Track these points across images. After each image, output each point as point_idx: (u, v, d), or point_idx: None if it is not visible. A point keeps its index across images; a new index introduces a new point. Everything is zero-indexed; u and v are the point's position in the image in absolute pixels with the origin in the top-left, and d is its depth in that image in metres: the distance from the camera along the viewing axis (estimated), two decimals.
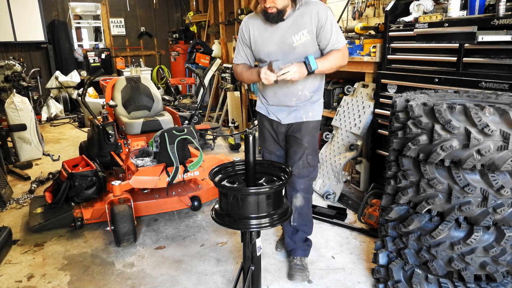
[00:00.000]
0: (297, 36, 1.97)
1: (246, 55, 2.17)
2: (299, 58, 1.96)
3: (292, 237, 2.32)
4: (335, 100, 3.89)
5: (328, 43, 1.99)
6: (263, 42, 2.05)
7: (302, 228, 2.30)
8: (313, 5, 1.96)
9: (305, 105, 2.14)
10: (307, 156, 2.17)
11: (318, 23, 1.95)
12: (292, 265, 2.30)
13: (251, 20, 2.09)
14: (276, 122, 2.20)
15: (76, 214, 2.86)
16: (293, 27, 1.97)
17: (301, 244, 2.33)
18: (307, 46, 1.99)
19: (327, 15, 1.96)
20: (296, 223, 2.27)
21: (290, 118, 2.16)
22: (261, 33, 2.05)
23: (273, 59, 2.01)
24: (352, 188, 3.49)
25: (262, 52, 2.08)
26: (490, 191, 1.62)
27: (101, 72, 3.85)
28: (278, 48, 2.02)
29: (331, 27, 1.97)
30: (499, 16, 2.19)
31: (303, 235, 2.33)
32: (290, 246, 2.35)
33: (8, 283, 2.34)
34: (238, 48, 2.19)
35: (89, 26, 9.04)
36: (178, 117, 3.68)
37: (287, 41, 1.99)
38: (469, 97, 1.98)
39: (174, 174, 2.86)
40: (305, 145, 2.16)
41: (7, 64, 5.84)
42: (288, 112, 2.16)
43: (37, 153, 4.77)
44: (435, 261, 1.81)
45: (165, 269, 2.44)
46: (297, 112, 2.15)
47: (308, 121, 2.15)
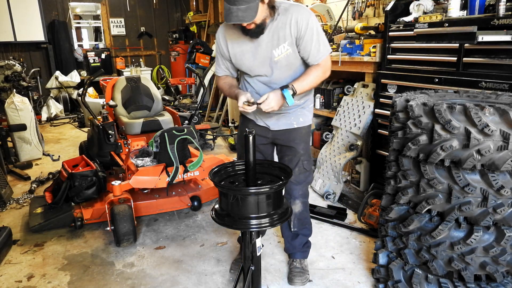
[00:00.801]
0: (278, 50, 1.85)
1: (227, 67, 2.05)
2: (283, 72, 1.91)
3: (292, 242, 2.29)
4: (335, 100, 3.90)
5: (308, 55, 1.88)
6: (243, 56, 1.91)
7: (302, 232, 2.28)
8: (292, 12, 1.80)
9: (295, 111, 2.06)
10: (303, 162, 2.12)
11: (297, 33, 1.82)
12: (291, 268, 2.29)
13: (228, 31, 1.92)
14: (264, 128, 2.09)
15: (76, 214, 2.86)
16: (273, 40, 1.84)
17: (300, 247, 2.31)
18: (289, 59, 1.88)
19: (307, 24, 1.81)
20: (297, 228, 2.24)
21: (280, 125, 2.06)
22: (241, 46, 1.89)
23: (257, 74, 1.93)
24: (352, 188, 3.49)
25: (243, 66, 1.95)
26: (490, 191, 1.62)
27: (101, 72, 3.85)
28: (260, 63, 1.90)
29: (311, 37, 1.83)
30: (499, 16, 2.19)
31: (303, 239, 2.30)
32: (289, 250, 2.33)
33: (8, 283, 2.34)
34: (218, 59, 2.04)
35: (89, 26, 9.04)
36: (178, 117, 3.68)
37: (268, 55, 1.87)
38: (469, 97, 1.98)
39: (174, 174, 2.86)
40: (301, 152, 2.12)
41: (7, 64, 5.84)
42: (277, 118, 2.06)
43: (37, 153, 4.77)
44: (435, 261, 1.81)
45: (165, 269, 2.44)
46: (287, 118, 2.06)
47: (299, 127, 2.08)
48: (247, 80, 2.04)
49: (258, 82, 1.99)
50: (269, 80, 1.96)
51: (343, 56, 3.47)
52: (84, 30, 9.07)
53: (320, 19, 4.18)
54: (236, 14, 1.62)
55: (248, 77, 2.02)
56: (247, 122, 2.15)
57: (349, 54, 3.44)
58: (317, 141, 4.23)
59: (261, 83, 1.98)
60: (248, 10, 1.62)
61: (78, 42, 8.55)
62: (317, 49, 1.87)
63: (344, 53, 3.49)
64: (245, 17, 1.64)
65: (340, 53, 3.51)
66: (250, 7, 1.62)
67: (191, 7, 9.09)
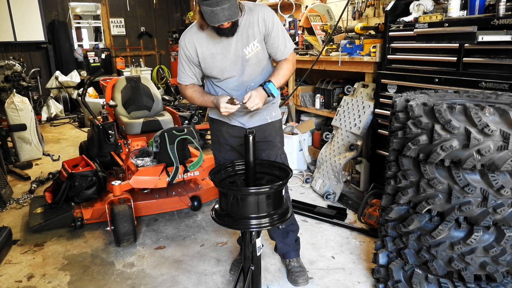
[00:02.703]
0: (249, 48, 1.89)
1: (194, 74, 2.01)
2: (253, 70, 1.95)
3: (284, 241, 2.30)
4: (335, 100, 3.90)
5: (276, 51, 1.95)
6: (214, 59, 1.91)
7: (291, 228, 2.29)
8: (258, 11, 1.86)
9: (267, 106, 2.09)
10: (281, 156, 2.15)
11: (266, 30, 1.87)
12: (291, 268, 2.29)
13: (194, 36, 1.90)
14: (239, 128, 2.09)
15: (76, 214, 2.86)
16: (243, 39, 1.87)
17: (293, 245, 2.32)
18: (259, 56, 1.93)
19: (273, 21, 1.88)
20: (285, 225, 2.24)
21: (254, 121, 2.08)
22: (210, 49, 1.89)
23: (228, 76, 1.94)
24: (352, 188, 3.49)
25: (214, 69, 1.94)
26: (490, 191, 1.62)
27: (101, 72, 3.86)
28: (231, 63, 1.92)
29: (278, 33, 1.90)
30: (499, 16, 2.19)
31: (294, 235, 2.31)
32: (283, 250, 2.33)
33: (8, 283, 2.34)
34: (183, 67, 1.99)
35: (89, 26, 9.04)
36: (178, 117, 3.68)
37: (240, 54, 1.89)
38: (469, 97, 1.98)
39: (174, 174, 2.86)
40: (278, 145, 2.15)
41: (7, 64, 5.85)
42: (251, 116, 2.07)
43: (37, 153, 4.77)
44: (435, 261, 1.81)
45: (165, 269, 2.44)
46: (260, 115, 2.08)
47: (273, 121, 2.12)
48: (216, 85, 2.03)
49: (229, 84, 1.98)
50: (240, 80, 1.97)
51: (343, 56, 3.47)
52: (84, 30, 9.07)
53: (320, 19, 4.18)
54: (223, 14, 1.63)
55: (218, 81, 2.00)
56: (220, 125, 2.14)
57: (349, 54, 3.44)
58: (317, 141, 4.23)
59: (232, 84, 1.98)
60: (231, 8, 1.64)
61: (78, 42, 8.56)
62: (284, 45, 1.95)
63: (344, 53, 3.49)
64: (232, 15, 1.66)
65: (340, 53, 3.51)
66: (232, 5, 1.64)
67: (191, 7, 9.09)
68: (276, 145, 2.14)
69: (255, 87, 1.97)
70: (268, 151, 2.12)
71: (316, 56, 3.75)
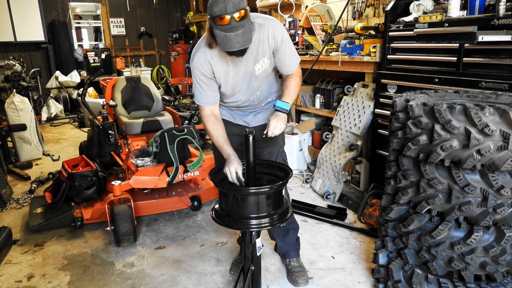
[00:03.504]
0: (259, 64, 1.88)
1: (213, 93, 1.93)
2: (261, 85, 1.96)
3: (284, 239, 2.30)
4: (335, 100, 3.90)
5: (283, 66, 1.95)
6: (227, 76, 1.88)
7: (291, 227, 2.30)
8: (268, 27, 1.82)
9: (270, 106, 2.11)
10: (281, 154, 2.17)
11: (275, 46, 1.87)
12: (291, 268, 2.29)
13: (207, 55, 1.84)
14: (242, 126, 2.08)
15: (76, 214, 2.86)
16: (253, 56, 1.84)
17: (293, 244, 2.33)
18: (267, 71, 1.94)
19: (282, 37, 1.86)
20: (285, 223, 2.24)
21: (258, 120, 2.10)
22: (224, 68, 1.86)
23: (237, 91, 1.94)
24: (352, 188, 3.49)
25: (227, 86, 1.92)
26: (490, 191, 1.62)
27: (101, 72, 3.86)
28: (242, 79, 1.91)
29: (286, 49, 1.90)
30: (499, 16, 2.19)
31: (293, 234, 2.32)
32: (283, 249, 2.33)
33: (8, 283, 2.34)
34: (202, 88, 1.90)
35: (89, 26, 9.04)
36: (178, 117, 3.68)
37: (250, 71, 1.89)
38: (469, 97, 1.98)
39: (174, 174, 2.86)
40: (280, 142, 2.17)
41: (7, 64, 5.85)
42: (255, 115, 2.10)
43: (37, 153, 4.77)
44: (435, 261, 1.81)
45: (165, 269, 2.44)
46: (263, 114, 2.10)
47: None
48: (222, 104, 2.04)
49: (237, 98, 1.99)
50: (247, 92, 1.97)
51: (343, 56, 3.47)
52: (84, 30, 9.07)
53: (320, 19, 4.18)
54: (237, 40, 1.59)
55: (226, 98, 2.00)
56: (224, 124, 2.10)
57: (349, 54, 3.44)
58: (317, 141, 4.23)
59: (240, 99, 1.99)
60: (245, 34, 1.60)
61: (78, 42, 8.56)
62: (291, 60, 1.95)
63: (344, 53, 3.49)
64: (246, 41, 1.62)
65: (340, 53, 3.51)
66: (245, 30, 1.60)
67: (191, 7, 9.09)
68: (278, 142, 2.15)
69: (262, 96, 2.01)
70: (270, 148, 2.13)
71: (316, 56, 3.75)
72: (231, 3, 1.53)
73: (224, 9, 1.53)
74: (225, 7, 1.53)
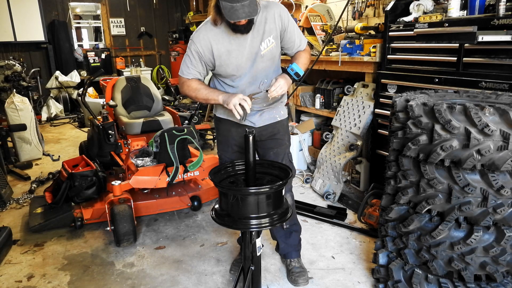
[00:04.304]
0: (264, 43, 1.89)
1: (199, 71, 1.94)
2: (267, 65, 1.96)
3: (287, 241, 2.29)
4: (335, 100, 3.90)
5: (293, 45, 2.01)
6: (230, 55, 1.88)
7: (294, 228, 2.29)
8: (273, 8, 1.88)
9: (276, 105, 2.11)
10: (288, 154, 2.17)
11: (282, 26, 1.90)
12: (291, 269, 2.29)
13: (209, 32, 1.85)
14: (249, 127, 1.99)
15: (76, 214, 2.86)
16: (258, 35, 1.87)
17: (295, 245, 2.32)
18: (273, 52, 1.94)
19: (288, 17, 1.92)
20: (288, 225, 2.24)
21: (264, 120, 2.08)
22: (226, 46, 1.86)
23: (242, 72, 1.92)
24: (352, 188, 3.49)
25: (230, 66, 1.91)
26: (490, 191, 1.62)
27: (101, 72, 3.85)
28: (246, 59, 1.91)
29: (294, 28, 1.95)
30: (499, 16, 2.19)
31: (296, 235, 2.31)
32: (285, 250, 2.33)
33: (8, 283, 2.34)
34: (191, 62, 1.91)
35: (89, 26, 9.05)
36: (178, 117, 3.68)
37: (255, 51, 1.89)
38: (469, 97, 1.98)
39: (174, 174, 2.86)
40: (286, 143, 2.17)
41: (7, 64, 5.84)
42: (261, 114, 2.07)
43: (37, 153, 4.77)
44: (435, 261, 1.81)
45: (165, 269, 2.44)
46: (269, 113, 2.09)
47: (282, 119, 2.14)
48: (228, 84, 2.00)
49: (243, 81, 1.97)
50: (253, 76, 1.96)
51: (343, 56, 3.47)
52: (84, 30, 9.08)
53: (320, 19, 4.18)
54: (243, 10, 1.62)
55: (231, 80, 1.98)
56: (229, 125, 2.11)
57: (349, 54, 3.44)
58: (317, 141, 4.23)
59: (246, 81, 1.97)
60: (251, 5, 1.63)
61: (78, 42, 8.56)
62: (300, 39, 2.02)
63: (344, 53, 3.49)
64: (252, 12, 1.65)
65: (340, 53, 3.51)
66: (251, 1, 1.63)
67: (191, 7, 9.09)
68: (285, 143, 2.15)
69: (268, 83, 1.99)
70: (277, 149, 2.12)
71: (316, 56, 3.75)
72: None
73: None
74: None
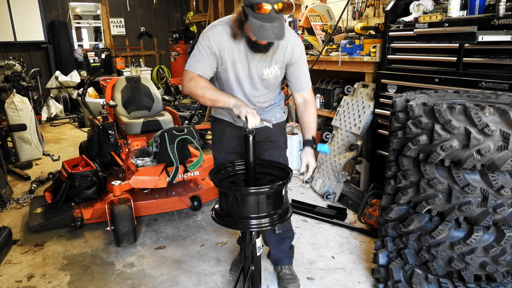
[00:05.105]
0: (268, 70, 1.85)
1: (211, 67, 1.82)
2: (266, 88, 1.92)
3: (278, 247, 2.25)
4: (335, 100, 3.90)
5: (296, 82, 1.94)
6: (234, 66, 1.82)
7: (287, 235, 2.25)
8: (290, 39, 1.81)
9: (272, 108, 2.08)
10: (283, 157, 2.13)
11: (291, 60, 1.86)
12: (282, 275, 2.24)
13: (224, 35, 1.77)
14: (243, 129, 1.95)
15: (76, 214, 2.86)
16: (266, 60, 1.82)
17: (287, 252, 2.28)
18: (277, 77, 1.92)
19: (301, 52, 1.87)
20: (281, 230, 2.19)
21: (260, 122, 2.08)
22: (234, 55, 1.80)
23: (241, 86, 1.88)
24: (352, 188, 3.49)
25: (231, 75, 1.85)
26: (490, 191, 1.62)
27: (101, 72, 3.86)
28: (247, 76, 1.87)
29: (303, 67, 1.91)
30: (499, 16, 2.19)
31: (288, 242, 2.27)
32: (276, 256, 2.28)
33: (8, 283, 2.34)
34: (202, 57, 1.79)
35: (89, 26, 9.04)
36: (178, 117, 3.68)
37: (258, 73, 1.85)
38: (469, 97, 1.98)
39: (174, 174, 2.86)
40: (282, 145, 2.13)
41: (7, 64, 5.84)
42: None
43: (37, 153, 4.77)
44: (435, 261, 1.81)
45: (165, 269, 2.44)
46: (265, 116, 2.05)
47: (278, 122, 2.10)
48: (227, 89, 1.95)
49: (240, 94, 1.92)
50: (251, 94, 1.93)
51: (343, 56, 3.47)
52: (84, 30, 9.07)
53: (320, 19, 4.18)
54: (273, 31, 1.57)
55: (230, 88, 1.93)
56: (224, 126, 2.09)
57: (349, 54, 3.44)
58: (317, 141, 4.21)
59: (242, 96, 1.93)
60: (281, 28, 1.59)
61: (78, 42, 8.56)
62: (305, 78, 1.96)
63: (344, 53, 3.49)
64: (281, 34, 1.60)
65: (340, 53, 3.51)
66: (281, 24, 1.59)
67: (191, 7, 9.09)
68: (280, 145, 2.12)
69: (264, 104, 1.99)
70: (271, 151, 2.09)
71: (316, 56, 3.75)
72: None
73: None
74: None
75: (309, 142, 1.94)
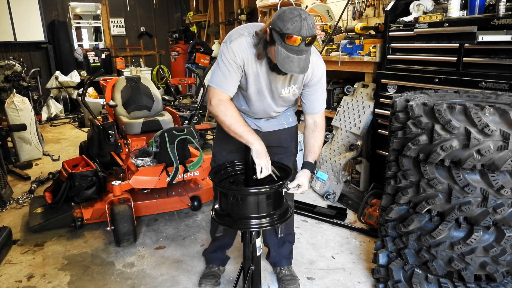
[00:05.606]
0: (287, 89, 1.84)
1: (235, 85, 1.77)
2: (283, 103, 1.92)
3: (279, 250, 2.24)
4: (335, 100, 3.90)
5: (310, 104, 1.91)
6: (255, 80, 1.78)
7: (288, 238, 2.24)
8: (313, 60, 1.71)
9: (285, 112, 2.05)
10: (293, 162, 2.09)
11: (310, 81, 1.83)
12: (281, 276, 2.24)
13: (249, 48, 1.69)
14: (255, 130, 1.96)
15: (76, 214, 2.86)
16: (286, 80, 1.80)
17: (286, 255, 2.27)
18: (294, 96, 1.91)
19: (321, 76, 1.83)
20: (283, 234, 2.16)
21: (271, 126, 2.02)
22: (257, 70, 1.74)
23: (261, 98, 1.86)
24: (352, 188, 3.49)
25: (252, 87, 1.80)
26: (490, 191, 1.62)
27: (101, 72, 3.85)
28: (268, 91, 1.84)
29: (320, 89, 1.87)
30: (499, 16, 2.19)
31: (289, 246, 2.26)
32: (275, 258, 2.27)
33: (8, 283, 2.34)
34: (230, 74, 1.71)
35: (89, 26, 9.04)
36: (178, 117, 3.68)
37: (277, 91, 1.84)
38: (469, 97, 1.98)
39: (174, 174, 2.86)
40: (293, 150, 2.10)
41: (7, 64, 5.84)
42: (268, 120, 2.01)
43: (37, 153, 4.77)
44: (435, 261, 1.81)
45: (165, 269, 2.44)
46: (277, 120, 2.03)
47: (289, 127, 2.07)
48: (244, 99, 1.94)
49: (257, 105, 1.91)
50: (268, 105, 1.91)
51: (343, 56, 3.47)
52: (84, 30, 9.07)
53: (320, 19, 4.18)
54: (299, 64, 1.52)
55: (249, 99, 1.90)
56: None
57: (349, 54, 3.44)
58: None
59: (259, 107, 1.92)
60: (307, 60, 1.55)
61: (78, 42, 8.55)
62: (320, 102, 1.92)
63: (344, 53, 3.49)
64: (305, 67, 1.56)
65: (340, 53, 3.51)
66: (308, 56, 1.55)
67: (191, 7, 9.09)
68: (291, 150, 2.09)
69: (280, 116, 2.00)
70: (281, 155, 2.05)
71: None
72: (307, 26, 1.45)
73: (299, 30, 1.45)
74: (300, 28, 1.45)
75: (310, 165, 1.88)
